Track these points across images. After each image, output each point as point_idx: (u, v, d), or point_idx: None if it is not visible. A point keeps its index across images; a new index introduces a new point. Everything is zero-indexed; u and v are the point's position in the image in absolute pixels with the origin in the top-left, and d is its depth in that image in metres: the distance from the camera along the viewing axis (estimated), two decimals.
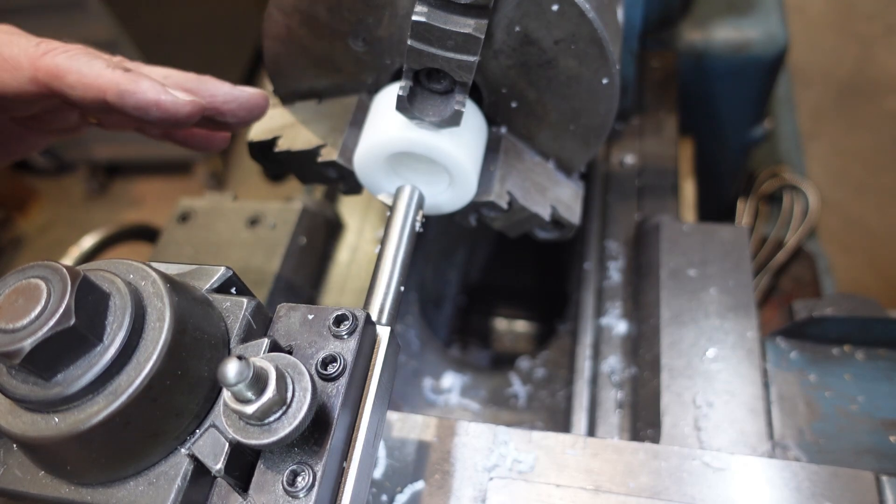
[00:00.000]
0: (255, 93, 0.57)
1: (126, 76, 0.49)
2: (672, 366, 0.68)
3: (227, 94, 0.56)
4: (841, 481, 0.54)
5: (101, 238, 1.04)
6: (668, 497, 0.54)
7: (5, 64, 0.49)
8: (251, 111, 0.57)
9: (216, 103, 0.56)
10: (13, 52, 0.49)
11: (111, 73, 0.49)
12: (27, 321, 0.33)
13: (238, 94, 0.56)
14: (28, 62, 0.49)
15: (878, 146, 2.59)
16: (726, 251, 0.75)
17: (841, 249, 2.31)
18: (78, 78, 0.49)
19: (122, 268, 0.40)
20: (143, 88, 0.49)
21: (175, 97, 0.50)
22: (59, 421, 0.36)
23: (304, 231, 0.89)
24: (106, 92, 0.49)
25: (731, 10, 1.22)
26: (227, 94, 0.56)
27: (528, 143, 0.65)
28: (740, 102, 1.31)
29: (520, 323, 1.23)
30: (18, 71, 0.49)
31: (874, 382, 0.67)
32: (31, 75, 0.49)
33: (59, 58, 0.49)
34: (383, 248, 0.56)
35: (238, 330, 0.43)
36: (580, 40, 0.54)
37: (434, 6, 0.49)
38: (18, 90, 0.50)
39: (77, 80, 0.49)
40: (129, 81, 0.49)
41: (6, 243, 3.04)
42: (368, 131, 0.60)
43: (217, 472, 0.38)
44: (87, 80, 0.49)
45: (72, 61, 0.49)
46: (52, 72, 0.49)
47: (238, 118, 0.57)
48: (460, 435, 0.59)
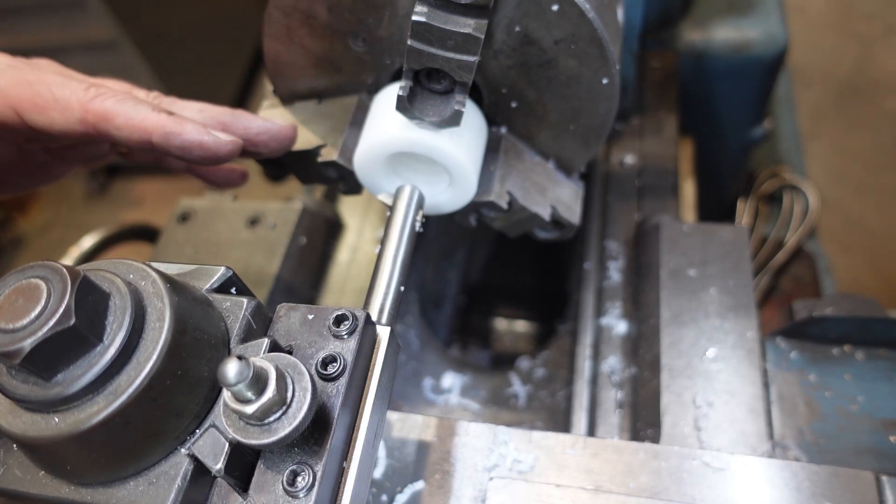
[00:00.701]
0: (285, 125, 0.60)
1: (171, 120, 0.53)
2: (672, 366, 0.68)
3: (260, 128, 0.59)
4: (841, 481, 0.54)
5: (101, 238, 1.04)
6: (668, 497, 0.54)
7: (56, 105, 0.52)
8: (282, 142, 0.60)
9: (250, 135, 0.59)
10: (65, 94, 0.52)
11: (156, 117, 0.52)
12: (27, 321, 0.33)
13: (270, 127, 0.59)
14: (79, 105, 0.52)
15: (878, 146, 2.59)
16: (726, 251, 0.75)
17: (841, 249, 2.31)
18: (126, 121, 0.52)
19: (122, 268, 0.40)
20: (188, 131, 0.53)
21: (217, 138, 0.54)
22: (59, 421, 0.36)
23: (304, 231, 0.89)
24: (152, 134, 0.52)
25: (731, 10, 1.22)
26: (259, 128, 0.59)
27: (528, 143, 0.65)
28: (740, 102, 1.31)
29: (520, 323, 1.23)
30: (69, 112, 0.52)
31: (874, 382, 0.67)
32: (80, 117, 0.52)
33: (108, 102, 0.52)
34: (383, 248, 0.56)
35: (238, 330, 0.43)
36: (580, 40, 0.54)
37: (434, 6, 0.49)
38: (66, 130, 0.53)
39: (125, 122, 0.52)
40: (175, 124, 0.52)
41: (6, 243, 3.04)
42: (368, 131, 0.60)
43: (217, 472, 0.38)
44: (134, 122, 0.52)
45: (120, 105, 0.52)
46: (102, 115, 0.52)
47: (269, 149, 0.60)
48: (460, 435, 0.59)
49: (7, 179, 0.62)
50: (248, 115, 0.60)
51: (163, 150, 0.53)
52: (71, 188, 3.20)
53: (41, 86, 0.52)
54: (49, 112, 0.52)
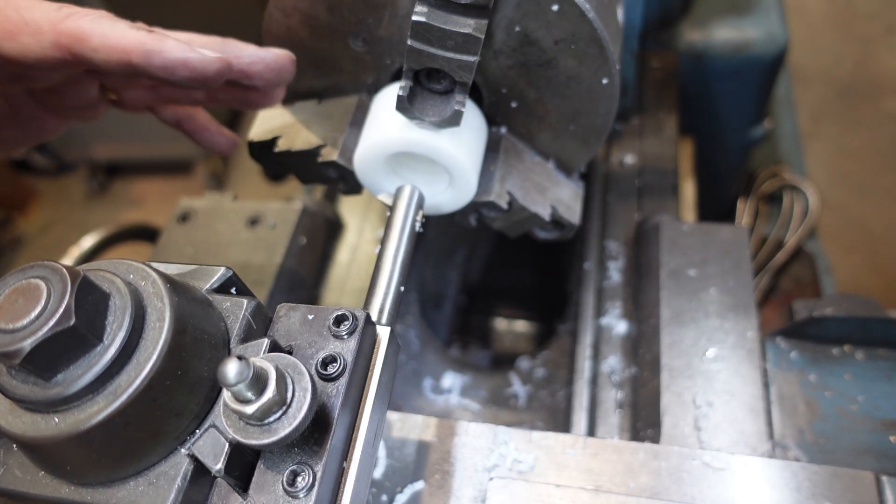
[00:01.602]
0: (281, 53, 0.56)
1: (151, 36, 0.48)
2: (672, 366, 0.68)
3: (253, 56, 0.55)
4: (841, 481, 0.54)
5: (101, 238, 1.04)
6: (668, 497, 0.54)
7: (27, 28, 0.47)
8: (279, 73, 0.56)
9: (242, 65, 0.54)
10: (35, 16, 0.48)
11: (135, 34, 0.48)
12: (27, 321, 0.33)
13: (264, 55, 0.55)
14: (50, 26, 0.47)
15: (878, 146, 2.59)
16: (726, 251, 0.75)
17: (841, 249, 2.31)
18: (102, 40, 0.48)
19: (122, 268, 0.40)
20: (169, 47, 0.48)
21: (202, 55, 0.49)
22: (59, 421, 0.36)
23: (304, 231, 0.89)
24: (131, 53, 0.48)
25: (731, 10, 1.22)
26: (252, 56, 0.55)
27: (528, 143, 0.65)
28: (740, 102, 1.31)
29: (520, 323, 1.23)
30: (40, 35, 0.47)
31: (874, 382, 0.67)
32: (53, 39, 0.47)
33: (83, 20, 0.48)
34: (383, 248, 0.56)
35: (238, 330, 0.43)
36: (580, 40, 0.54)
37: (434, 6, 0.49)
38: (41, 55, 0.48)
39: (101, 42, 0.48)
40: (155, 41, 0.48)
41: (6, 243, 3.04)
42: (368, 131, 0.60)
43: (217, 472, 0.38)
44: (111, 41, 0.48)
45: (95, 24, 0.48)
46: (76, 35, 0.47)
47: (265, 80, 0.56)
48: (460, 435, 0.59)
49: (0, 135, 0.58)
50: (241, 42, 0.56)
51: (144, 71, 0.49)
52: (71, 188, 3.20)
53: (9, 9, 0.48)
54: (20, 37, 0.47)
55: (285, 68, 0.56)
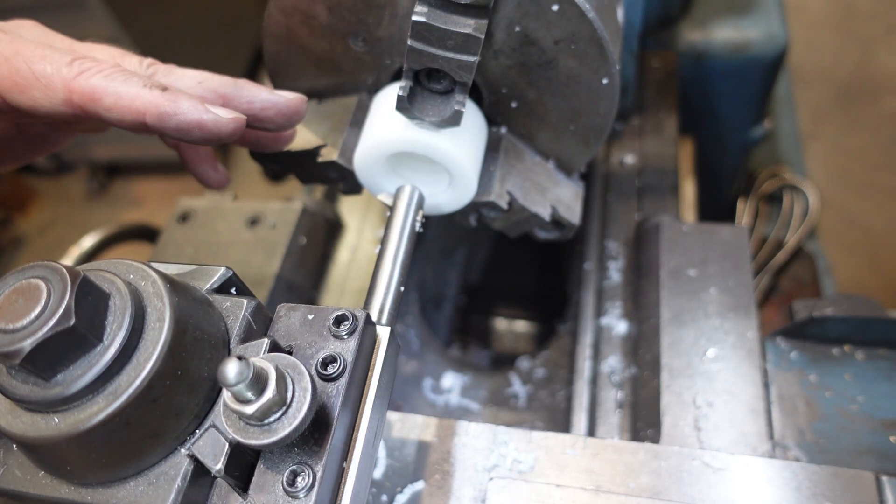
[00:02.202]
0: (293, 98, 0.55)
1: (165, 97, 0.47)
2: (672, 366, 0.68)
3: (266, 101, 0.54)
4: (841, 481, 0.54)
5: (101, 238, 1.04)
6: (668, 497, 0.54)
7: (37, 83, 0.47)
8: (290, 118, 0.55)
9: (254, 110, 0.54)
10: (46, 70, 0.47)
11: (149, 95, 0.47)
12: (27, 321, 0.33)
13: (276, 101, 0.54)
14: (62, 84, 0.46)
15: (878, 146, 2.59)
16: (726, 251, 0.75)
17: (841, 249, 2.31)
18: (115, 101, 0.47)
19: (122, 268, 0.40)
20: (184, 110, 0.47)
21: (217, 116, 0.49)
22: (59, 421, 0.36)
23: (304, 231, 0.89)
24: (145, 115, 0.47)
25: (731, 10, 1.22)
26: (265, 101, 0.54)
27: (528, 143, 0.65)
28: (740, 102, 1.31)
29: (520, 323, 1.23)
30: (52, 91, 0.47)
31: (874, 382, 0.67)
32: (65, 97, 0.47)
33: (95, 79, 0.47)
34: (383, 248, 0.56)
35: (238, 330, 0.43)
36: (580, 40, 0.54)
37: (434, 6, 0.49)
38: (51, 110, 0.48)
39: (114, 103, 0.47)
40: (169, 103, 0.47)
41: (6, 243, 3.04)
42: (368, 131, 0.60)
43: (217, 472, 0.38)
44: (124, 102, 0.47)
45: (108, 83, 0.47)
46: (88, 95, 0.46)
47: (276, 124, 0.55)
48: (460, 435, 0.59)
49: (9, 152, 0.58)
50: (253, 86, 0.54)
51: (158, 131, 0.48)
52: (71, 188, 3.20)
53: (19, 61, 0.46)
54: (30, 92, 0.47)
55: (297, 112, 0.55)
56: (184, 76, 0.54)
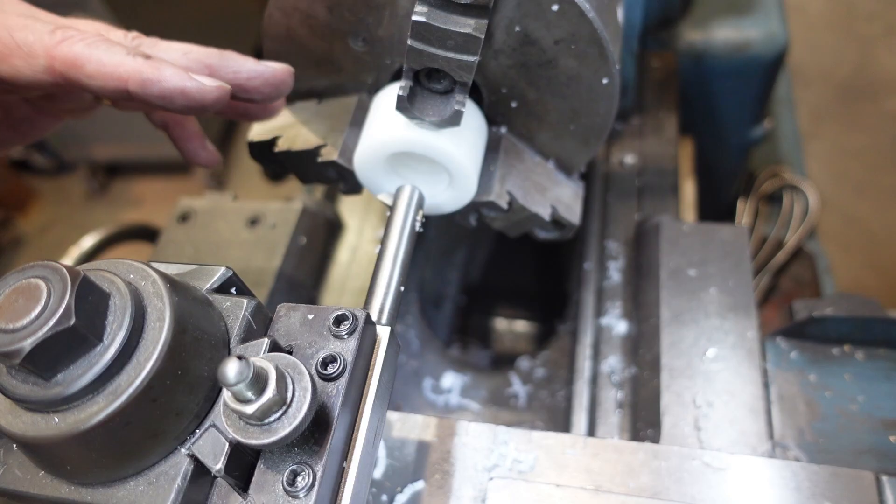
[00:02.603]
0: (279, 68, 0.55)
1: (148, 64, 0.47)
2: (672, 366, 0.68)
3: (252, 71, 0.54)
4: (841, 481, 0.54)
5: (101, 238, 1.04)
6: (668, 497, 0.54)
7: (19, 51, 0.46)
8: (277, 87, 0.55)
9: (240, 80, 0.53)
10: (27, 38, 0.46)
11: (132, 62, 0.47)
12: (27, 321, 0.33)
13: (262, 70, 0.54)
14: (43, 50, 0.46)
15: (878, 146, 2.59)
16: (726, 251, 0.75)
17: (841, 249, 2.31)
18: (97, 68, 0.46)
19: (122, 268, 0.40)
20: (167, 76, 0.47)
21: (201, 84, 0.48)
22: (59, 421, 0.36)
23: (304, 231, 0.89)
24: (127, 81, 0.47)
25: (731, 10, 1.22)
26: (251, 71, 0.54)
27: (528, 143, 0.65)
28: (740, 102, 1.31)
29: (520, 323, 1.23)
30: (33, 59, 0.46)
31: (874, 382, 0.67)
32: (46, 64, 0.47)
33: (77, 46, 0.46)
34: (383, 248, 0.56)
35: (238, 330, 0.43)
36: (580, 40, 0.54)
37: (434, 6, 0.49)
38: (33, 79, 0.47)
39: (96, 69, 0.46)
40: (152, 69, 0.47)
41: (6, 243, 3.04)
42: (368, 131, 0.60)
43: (217, 472, 0.38)
44: (106, 69, 0.46)
45: (90, 49, 0.46)
46: (70, 61, 0.46)
47: (263, 94, 0.55)
48: (460, 435, 0.59)
49: None
50: (239, 56, 0.54)
51: (141, 99, 0.48)
52: (71, 188, 3.20)
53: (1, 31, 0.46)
54: (11, 60, 0.46)
55: (284, 82, 0.55)
56: (169, 48, 0.53)
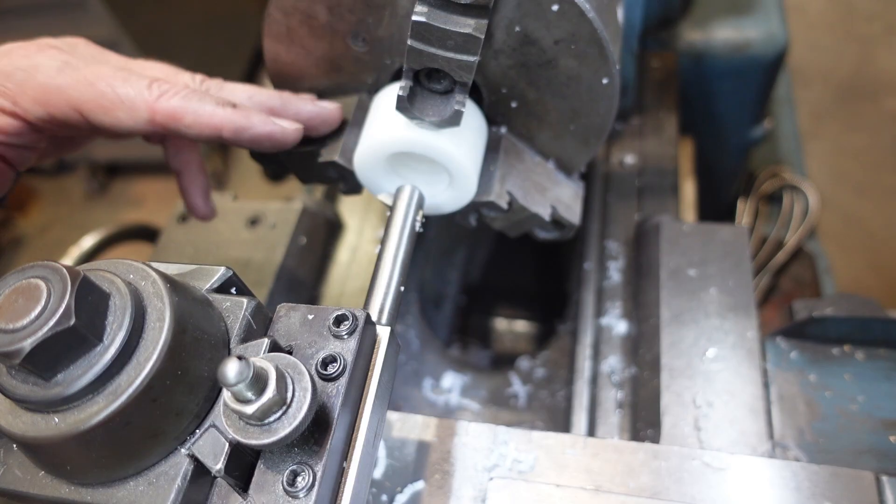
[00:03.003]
0: (334, 108, 0.60)
1: (239, 115, 0.54)
2: (672, 366, 0.68)
3: (311, 113, 0.59)
4: (841, 481, 0.54)
5: (101, 238, 1.04)
6: (668, 497, 0.54)
7: (122, 105, 0.51)
8: (331, 125, 0.61)
9: (301, 120, 0.59)
10: (129, 94, 0.51)
11: (223, 113, 0.53)
12: (27, 321, 0.33)
13: (320, 112, 0.60)
14: (145, 106, 0.52)
15: (878, 146, 2.59)
16: (726, 251, 0.75)
17: (841, 249, 2.31)
18: (194, 119, 0.52)
19: (122, 268, 0.40)
20: (256, 124, 0.54)
21: (283, 129, 0.56)
22: (59, 421, 0.36)
23: (304, 231, 0.89)
24: (221, 130, 0.53)
25: (731, 10, 1.22)
26: (310, 112, 0.59)
27: (528, 143, 0.65)
28: (740, 102, 1.31)
29: (520, 323, 1.23)
30: (135, 112, 0.52)
31: (874, 382, 0.67)
32: (148, 118, 0.52)
33: (174, 101, 0.52)
34: (383, 248, 0.56)
35: (238, 330, 0.43)
36: (580, 40, 0.54)
37: (434, 6, 0.49)
38: (133, 129, 0.53)
39: (193, 121, 0.52)
40: (243, 119, 0.54)
41: (6, 243, 3.04)
42: (368, 131, 0.60)
43: (217, 472, 0.38)
44: (202, 120, 0.52)
45: (186, 104, 0.52)
46: (170, 115, 0.52)
47: (318, 133, 0.61)
48: (460, 435, 0.59)
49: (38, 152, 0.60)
50: (296, 99, 0.60)
51: (231, 143, 0.54)
52: (71, 188, 3.20)
53: (103, 85, 0.51)
54: (115, 113, 0.51)
55: (336, 120, 0.61)
56: (235, 90, 0.59)
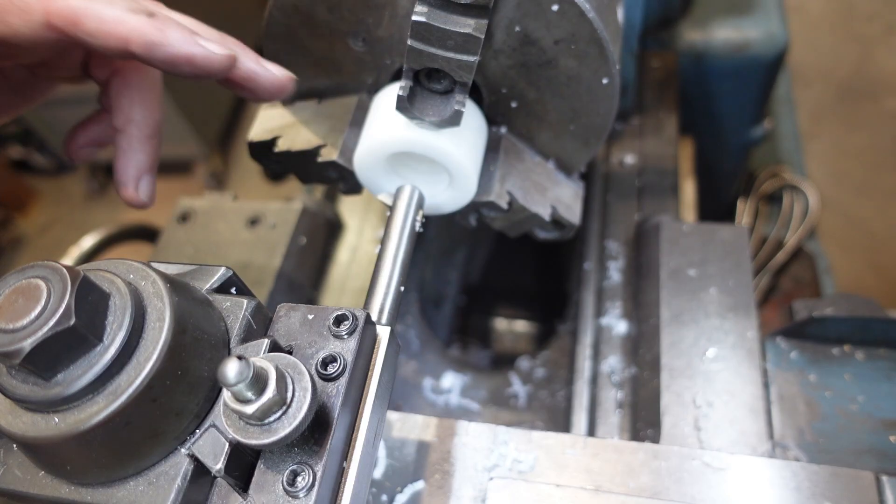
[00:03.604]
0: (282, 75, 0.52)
1: (152, 25, 0.44)
2: (672, 366, 0.68)
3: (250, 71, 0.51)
4: (841, 481, 0.54)
5: (101, 238, 1.05)
6: (668, 497, 0.54)
7: (13, 7, 0.44)
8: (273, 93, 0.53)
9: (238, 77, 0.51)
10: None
11: (135, 21, 0.44)
12: (27, 321, 0.33)
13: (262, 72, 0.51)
14: (39, 6, 0.44)
15: (878, 146, 2.59)
16: (726, 251, 0.75)
17: (841, 249, 2.31)
18: (97, 24, 0.44)
19: (122, 268, 0.40)
20: (173, 40, 0.45)
21: (207, 51, 0.46)
22: (59, 421, 0.36)
23: (304, 231, 0.89)
24: (130, 42, 0.44)
25: (731, 10, 1.22)
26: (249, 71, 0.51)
27: (528, 143, 0.65)
28: (740, 102, 1.31)
29: (520, 323, 1.23)
30: (29, 14, 0.44)
31: (874, 382, 0.67)
32: (43, 20, 0.44)
33: (73, 1, 0.44)
34: (383, 248, 0.56)
35: (238, 330, 0.43)
36: (580, 40, 0.54)
37: (434, 6, 0.49)
38: (30, 37, 0.45)
39: (96, 26, 0.44)
40: (156, 31, 0.44)
41: (6, 243, 3.04)
42: (368, 131, 0.60)
43: (217, 472, 0.38)
44: (107, 26, 0.44)
45: (88, 3, 0.44)
46: (67, 16, 0.44)
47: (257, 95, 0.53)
48: (460, 435, 0.59)
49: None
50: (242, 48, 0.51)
51: (145, 61, 0.45)
52: (71, 188, 3.20)
53: None
54: (6, 17, 0.44)
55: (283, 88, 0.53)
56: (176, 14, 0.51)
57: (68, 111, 2.72)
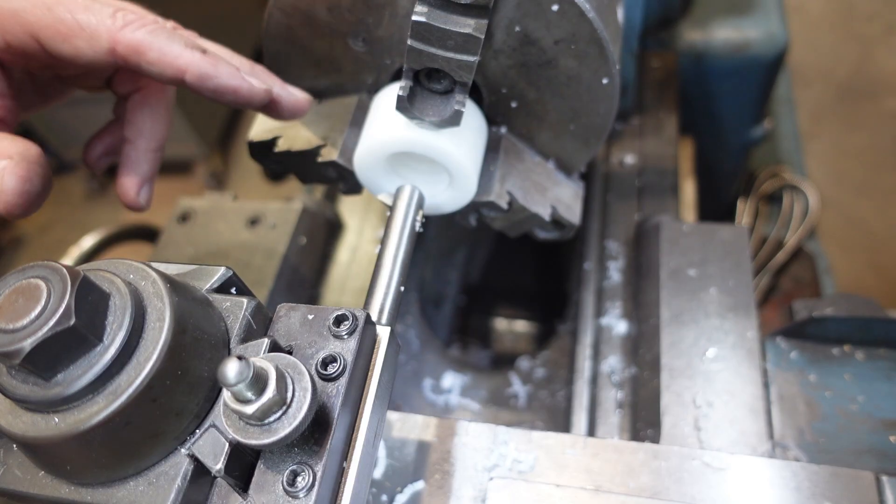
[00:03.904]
0: (302, 98, 0.57)
1: (206, 61, 0.50)
2: (672, 366, 0.68)
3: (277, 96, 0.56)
4: (841, 481, 0.54)
5: (101, 238, 1.05)
6: (668, 497, 0.54)
7: (82, 33, 0.48)
8: (294, 114, 0.58)
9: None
10: (90, 20, 0.48)
11: (190, 55, 0.49)
12: (27, 321, 0.33)
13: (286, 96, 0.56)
14: (107, 34, 0.48)
15: (878, 146, 2.59)
16: (726, 251, 0.75)
17: (841, 249, 2.31)
18: (158, 56, 0.49)
19: (122, 268, 0.40)
20: (223, 74, 0.50)
21: (251, 85, 0.52)
22: (59, 421, 0.36)
23: (304, 231, 0.89)
24: (185, 73, 0.49)
25: (731, 10, 1.23)
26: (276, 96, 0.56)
27: (528, 143, 0.65)
28: (740, 102, 1.31)
29: (520, 323, 1.23)
30: (95, 41, 0.48)
31: (874, 382, 0.67)
32: (109, 48, 0.48)
33: (139, 33, 0.48)
34: (383, 248, 0.56)
35: (238, 330, 0.43)
36: (580, 40, 0.54)
37: (434, 6, 0.49)
38: (94, 60, 0.49)
39: (157, 58, 0.49)
40: (209, 65, 0.50)
41: (6, 243, 3.04)
42: (368, 131, 0.60)
43: (217, 472, 0.38)
44: (167, 59, 0.49)
45: (152, 38, 0.48)
46: (133, 47, 0.48)
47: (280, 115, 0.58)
48: (460, 435, 0.59)
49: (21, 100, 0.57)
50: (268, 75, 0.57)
51: (194, 90, 0.51)
52: (71, 188, 3.20)
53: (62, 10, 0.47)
54: (74, 41, 0.48)
55: (302, 110, 0.58)
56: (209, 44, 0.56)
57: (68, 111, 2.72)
